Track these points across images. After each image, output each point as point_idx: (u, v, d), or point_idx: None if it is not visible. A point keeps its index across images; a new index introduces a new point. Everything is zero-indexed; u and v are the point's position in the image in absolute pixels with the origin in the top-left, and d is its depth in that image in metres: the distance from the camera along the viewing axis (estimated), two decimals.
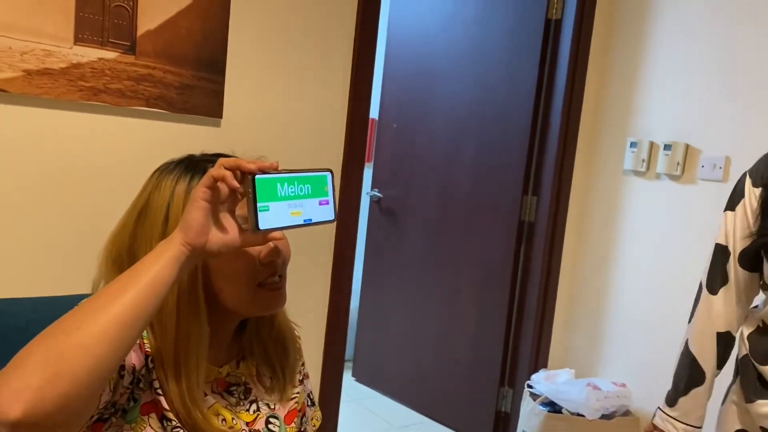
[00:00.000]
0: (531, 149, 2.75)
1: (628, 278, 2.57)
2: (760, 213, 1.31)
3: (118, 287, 0.74)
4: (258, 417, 0.99)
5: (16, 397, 0.65)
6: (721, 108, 2.29)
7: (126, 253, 0.92)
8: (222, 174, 0.76)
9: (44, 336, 0.70)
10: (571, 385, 2.51)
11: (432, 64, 3.07)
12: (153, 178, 0.93)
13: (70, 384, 0.67)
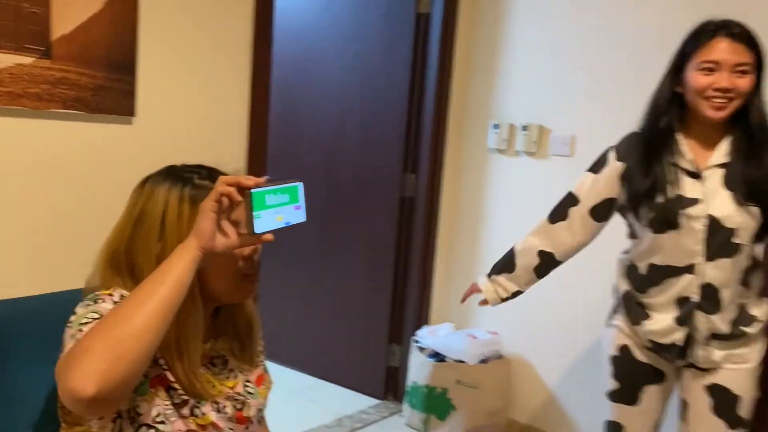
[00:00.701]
0: (408, 131, 3.05)
1: (497, 242, 2.97)
2: (620, 182, 1.73)
3: (151, 287, 0.92)
4: (237, 382, 1.20)
5: (89, 379, 0.83)
6: (568, 93, 2.71)
7: (123, 254, 1.09)
8: (228, 190, 0.97)
9: (99, 330, 0.88)
10: (453, 337, 2.89)
11: (311, 52, 3.26)
12: (144, 188, 1.10)
13: (127, 366, 0.87)
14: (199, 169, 1.13)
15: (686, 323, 1.68)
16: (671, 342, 1.71)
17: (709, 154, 1.67)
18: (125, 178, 1.93)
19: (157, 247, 1.07)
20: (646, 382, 1.80)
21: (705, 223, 1.63)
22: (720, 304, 1.66)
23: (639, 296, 1.77)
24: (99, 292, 1.07)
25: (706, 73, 1.60)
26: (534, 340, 2.87)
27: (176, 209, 1.07)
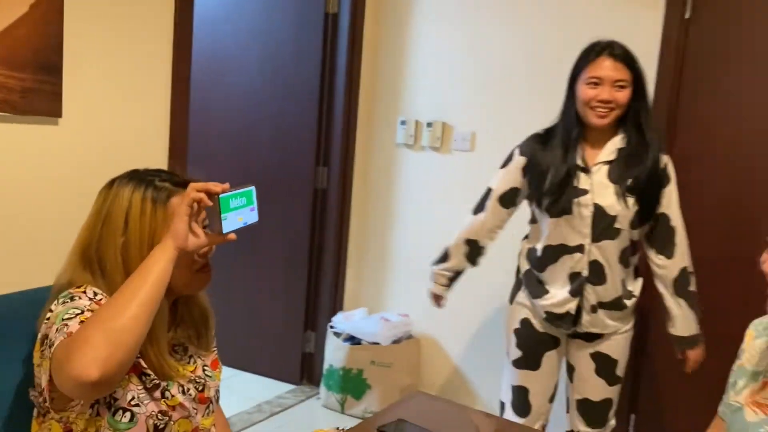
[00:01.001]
0: (320, 127, 3.20)
1: (405, 230, 3.19)
2: (522, 174, 2.03)
3: (137, 283, 1.05)
4: (196, 367, 1.32)
5: (93, 365, 0.95)
6: (468, 93, 2.96)
7: (94, 252, 1.19)
8: (199, 196, 1.10)
9: (96, 322, 1.00)
10: (367, 321, 3.08)
11: (221, 45, 3.30)
12: (111, 189, 1.21)
13: (125, 352, 0.99)
14: (159, 172, 1.25)
15: (578, 294, 1.97)
16: (566, 311, 1.99)
17: (597, 153, 1.96)
18: (52, 176, 1.98)
19: (120, 242, 1.18)
20: (546, 349, 2.08)
21: (592, 210, 1.92)
22: (605, 278, 1.96)
23: (538, 274, 2.05)
24: (72, 290, 1.16)
25: (592, 86, 1.89)
26: (440, 321, 3.12)
27: (139, 207, 1.18)
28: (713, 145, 2.47)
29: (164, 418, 1.20)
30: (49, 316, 1.13)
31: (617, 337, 2.04)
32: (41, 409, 1.18)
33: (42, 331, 1.13)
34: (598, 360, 2.04)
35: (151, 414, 1.18)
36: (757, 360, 1.32)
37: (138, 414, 1.17)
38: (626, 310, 2.02)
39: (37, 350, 1.14)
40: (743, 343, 1.38)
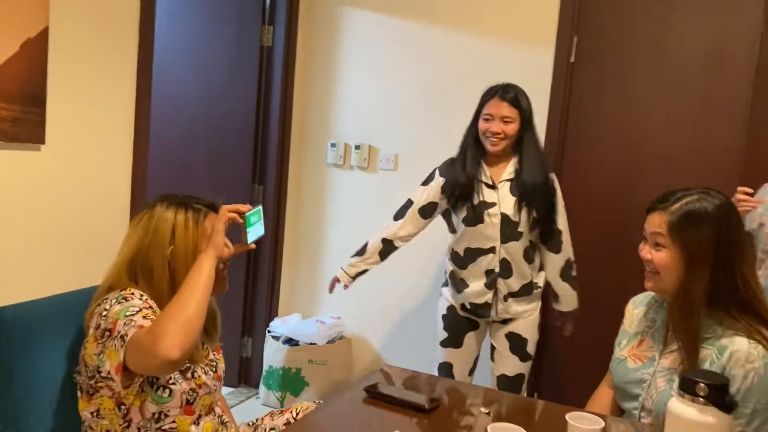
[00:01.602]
0: (256, 148, 3.50)
1: (336, 243, 3.55)
2: (440, 192, 2.47)
3: (194, 285, 1.36)
4: (209, 352, 1.62)
5: (175, 347, 1.26)
6: (392, 118, 3.37)
7: (141, 261, 1.48)
8: (233, 216, 1.43)
9: (168, 316, 1.31)
10: (303, 324, 3.40)
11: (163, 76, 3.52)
12: (154, 211, 1.50)
13: (194, 337, 1.30)
14: (191, 197, 1.55)
15: (492, 287, 2.42)
16: (483, 301, 2.44)
17: (501, 172, 2.43)
18: (36, 197, 2.19)
19: (168, 252, 1.47)
20: (467, 330, 2.54)
21: (499, 218, 2.38)
22: (512, 272, 2.42)
23: (460, 272, 2.49)
24: (122, 292, 1.44)
25: (486, 120, 2.38)
26: (368, 322, 3.49)
27: (183, 224, 1.49)
28: (596, 156, 3.02)
29: (194, 394, 1.50)
30: (106, 313, 1.40)
31: (526, 319, 2.50)
32: (90, 389, 1.44)
33: (101, 326, 1.39)
34: (511, 339, 2.50)
35: (184, 390, 1.48)
36: (636, 324, 1.79)
37: (174, 390, 1.46)
38: (531, 297, 2.49)
39: (93, 341, 1.40)
40: (625, 314, 1.85)
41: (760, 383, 1.48)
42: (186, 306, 1.33)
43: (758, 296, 1.59)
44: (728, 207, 1.60)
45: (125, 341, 1.34)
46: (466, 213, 2.41)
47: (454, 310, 2.55)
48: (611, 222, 3.01)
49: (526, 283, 2.46)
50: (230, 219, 1.46)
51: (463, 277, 2.48)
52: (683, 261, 1.57)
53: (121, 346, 1.34)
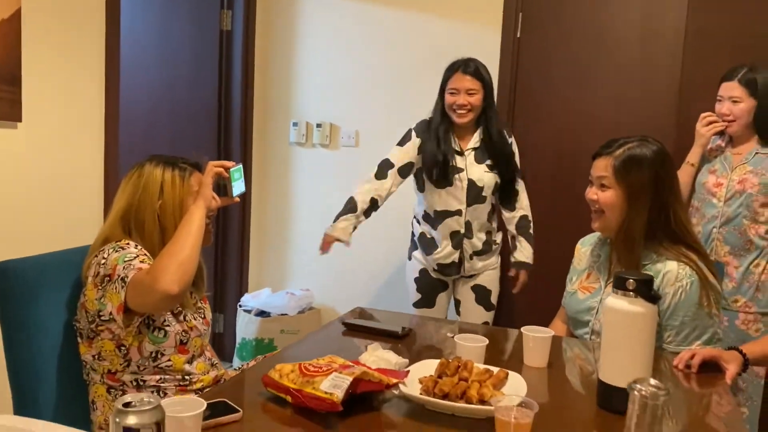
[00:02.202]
0: (219, 129, 3.62)
1: (302, 219, 3.69)
2: (417, 152, 2.62)
3: (187, 230, 1.51)
4: (196, 301, 1.76)
5: (174, 283, 1.41)
6: (353, 97, 3.52)
7: (133, 215, 1.60)
8: (219, 171, 1.57)
9: (166, 257, 1.45)
10: (274, 297, 3.54)
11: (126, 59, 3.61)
12: (143, 169, 1.63)
13: (189, 276, 1.45)
14: (177, 157, 1.69)
15: (458, 247, 2.61)
16: (451, 261, 2.62)
17: (468, 141, 2.61)
18: (13, 173, 2.28)
19: (157, 206, 1.61)
20: (439, 291, 2.71)
21: (466, 183, 2.56)
22: (474, 233, 2.61)
23: (429, 233, 2.65)
24: (117, 243, 1.57)
25: (452, 94, 2.55)
26: (335, 292, 3.65)
27: (170, 181, 1.62)
28: (544, 124, 3.24)
29: (186, 335, 1.64)
30: (104, 261, 1.52)
31: (488, 272, 2.70)
32: (90, 333, 1.56)
33: (100, 273, 1.52)
34: (476, 291, 2.69)
35: (177, 332, 1.62)
36: (583, 261, 2.00)
37: (169, 331, 1.60)
38: (491, 252, 2.68)
39: (93, 288, 1.53)
40: (575, 253, 2.05)
41: (687, 298, 1.70)
42: (181, 249, 1.47)
43: (688, 229, 1.81)
44: (664, 153, 1.81)
45: (126, 282, 1.47)
46: (438, 175, 2.58)
47: (426, 272, 2.71)
48: (560, 181, 3.24)
49: (486, 241, 2.65)
50: (217, 173, 1.61)
51: (434, 237, 2.66)
52: (625, 199, 1.78)
53: (122, 287, 1.47)
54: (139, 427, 0.88)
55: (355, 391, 1.21)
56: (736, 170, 2.41)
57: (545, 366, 1.56)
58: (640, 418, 0.59)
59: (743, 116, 2.39)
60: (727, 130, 2.45)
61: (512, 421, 1.11)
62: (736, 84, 2.40)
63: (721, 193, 2.42)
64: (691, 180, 2.52)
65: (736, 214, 2.38)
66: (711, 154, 2.52)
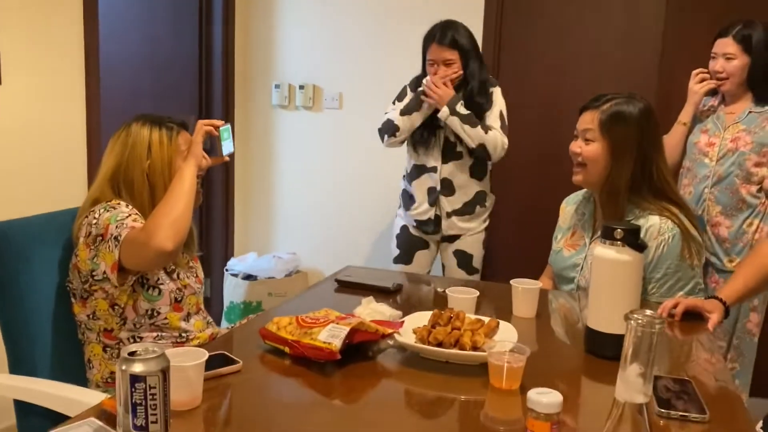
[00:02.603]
0: (200, 94, 3.58)
1: (287, 182, 3.69)
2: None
3: (179, 188, 1.51)
4: (188, 260, 1.77)
5: (169, 240, 1.42)
6: (335, 58, 3.50)
7: (122, 175, 1.60)
8: (210, 129, 1.57)
9: (161, 214, 1.45)
10: (261, 261, 3.55)
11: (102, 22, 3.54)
12: (130, 128, 1.62)
13: (184, 232, 1.47)
14: (163, 117, 1.68)
15: (434, 204, 2.64)
16: (427, 218, 2.66)
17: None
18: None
19: (146, 165, 1.60)
20: (418, 248, 2.75)
21: (442, 140, 2.59)
22: (455, 191, 2.63)
23: (409, 189, 2.70)
24: (107, 203, 1.56)
25: (431, 64, 2.56)
26: (321, 255, 3.67)
27: (158, 139, 1.62)
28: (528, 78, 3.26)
29: (180, 293, 1.65)
30: (96, 221, 1.52)
31: (471, 236, 2.72)
32: (84, 293, 1.57)
33: (92, 233, 1.52)
34: (458, 255, 2.72)
35: (172, 290, 1.63)
36: (568, 220, 2.04)
37: (163, 290, 1.61)
38: (475, 215, 2.70)
39: (85, 248, 1.53)
40: (560, 213, 2.09)
41: (669, 251, 1.74)
42: (174, 207, 1.48)
43: (670, 184, 1.85)
44: (649, 110, 1.84)
45: (119, 241, 1.47)
46: (416, 134, 2.62)
47: (407, 229, 2.75)
48: (544, 139, 3.28)
49: (469, 201, 2.67)
50: (207, 132, 1.60)
51: (411, 193, 2.69)
52: (610, 153, 1.81)
53: (116, 246, 1.48)
54: (145, 374, 0.90)
55: (352, 341, 1.24)
56: (729, 129, 2.35)
57: (533, 316, 1.60)
58: (637, 346, 0.61)
59: (737, 73, 2.33)
60: (720, 89, 2.39)
61: (505, 365, 1.15)
62: (730, 40, 2.33)
63: (713, 153, 2.36)
64: (683, 140, 2.47)
65: (728, 173, 2.33)
66: (703, 114, 2.47)
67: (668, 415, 1.07)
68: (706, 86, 2.40)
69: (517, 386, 1.16)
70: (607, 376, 1.27)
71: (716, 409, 1.11)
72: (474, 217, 2.71)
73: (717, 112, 2.43)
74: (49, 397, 1.44)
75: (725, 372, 1.37)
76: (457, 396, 1.17)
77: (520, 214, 3.33)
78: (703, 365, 1.39)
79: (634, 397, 0.63)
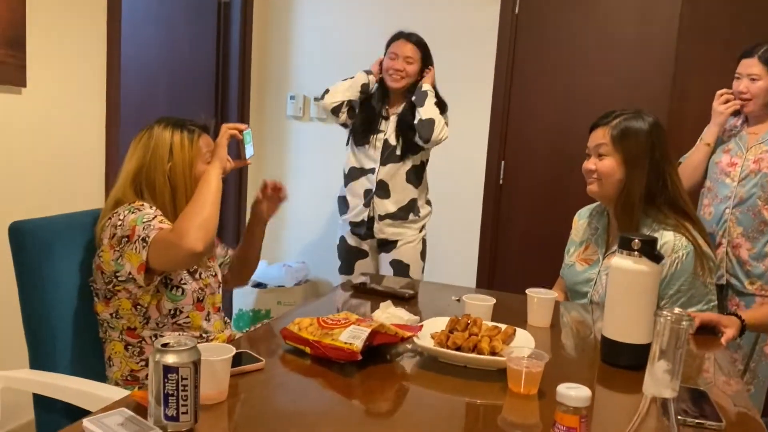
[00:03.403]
0: (216, 104, 3.62)
1: (297, 192, 3.72)
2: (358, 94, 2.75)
3: (206, 190, 1.54)
4: (206, 261, 1.80)
5: (199, 240, 1.45)
6: (349, 70, 3.52)
7: (144, 177, 1.63)
8: (234, 133, 1.61)
9: (189, 215, 1.48)
10: (270, 269, 3.58)
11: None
12: (152, 131, 1.65)
13: (212, 235, 1.50)
14: (185, 120, 1.71)
15: (369, 205, 2.71)
16: (360, 219, 2.73)
17: (396, 107, 2.73)
18: (19, 138, 2.29)
19: (167, 167, 1.63)
20: (357, 258, 2.83)
21: (382, 143, 2.69)
22: (390, 194, 2.70)
23: (344, 192, 2.78)
24: (131, 204, 1.59)
25: (391, 58, 2.67)
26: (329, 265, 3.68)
27: (179, 142, 1.65)
28: (541, 97, 3.29)
29: (202, 293, 1.68)
30: (120, 223, 1.54)
31: (406, 246, 2.77)
32: (107, 293, 1.59)
33: (116, 234, 1.53)
34: (394, 265, 2.77)
35: (195, 289, 1.65)
36: (581, 233, 2.06)
37: (186, 289, 1.63)
38: (407, 223, 2.74)
39: (109, 249, 1.55)
40: (572, 226, 2.11)
41: (683, 268, 1.76)
42: (203, 209, 1.51)
43: (683, 195, 1.87)
44: (658, 124, 1.87)
45: (147, 242, 1.50)
46: (358, 134, 2.73)
47: (344, 240, 2.84)
48: (557, 155, 3.31)
49: (404, 207, 2.72)
50: (231, 135, 1.64)
51: (346, 197, 2.77)
52: (623, 166, 1.83)
53: (143, 247, 1.50)
54: (178, 365, 0.93)
55: (372, 343, 1.26)
56: (752, 150, 2.32)
57: (548, 326, 1.62)
58: (665, 342, 0.64)
59: (761, 95, 2.30)
60: (744, 110, 2.36)
61: (524, 370, 1.17)
62: (755, 61, 2.30)
63: (735, 173, 2.33)
64: (706, 160, 2.44)
65: (750, 195, 2.29)
66: (726, 134, 2.44)
67: (684, 422, 1.09)
68: (732, 107, 2.37)
69: (536, 391, 1.18)
70: (623, 384, 1.30)
71: (731, 419, 1.12)
72: (407, 224, 2.74)
73: (740, 132, 2.40)
74: (70, 392, 1.46)
75: (740, 385, 1.38)
76: (474, 400, 1.19)
77: (531, 225, 3.36)
78: (718, 378, 1.41)
79: (662, 392, 0.65)
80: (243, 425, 1.03)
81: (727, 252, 2.35)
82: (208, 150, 1.69)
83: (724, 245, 2.34)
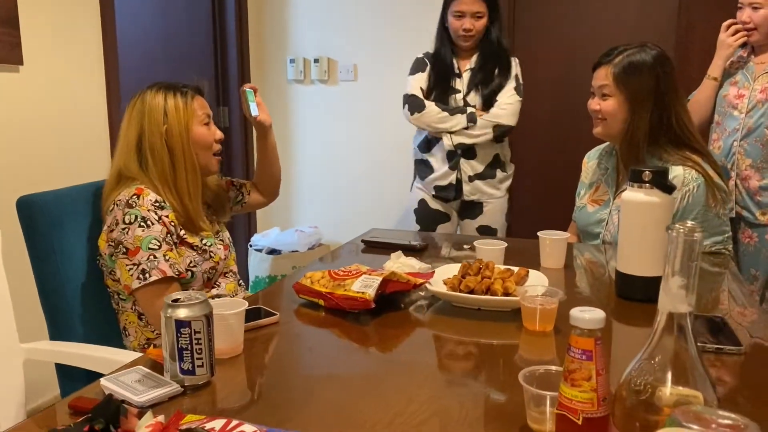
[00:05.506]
0: (216, 71, 3.59)
1: (304, 157, 3.70)
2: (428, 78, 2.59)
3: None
4: (214, 224, 1.79)
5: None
6: (350, 30, 3.49)
7: (145, 143, 1.61)
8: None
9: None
10: (284, 235, 3.58)
11: None
12: (145, 96, 1.63)
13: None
14: (177, 83, 1.68)
15: (455, 168, 2.62)
16: (448, 183, 2.63)
17: (467, 62, 2.59)
18: (15, 116, 2.28)
19: (163, 129, 1.61)
20: (438, 222, 2.72)
21: (461, 104, 2.56)
22: (477, 154, 2.61)
23: (425, 156, 2.67)
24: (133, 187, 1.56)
25: (457, 18, 2.50)
26: (342, 228, 3.69)
27: (173, 106, 1.62)
28: (544, 35, 3.23)
29: (212, 272, 1.67)
30: (125, 228, 1.50)
31: (493, 206, 2.69)
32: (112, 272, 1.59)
33: (117, 237, 1.51)
34: (481, 232, 2.70)
35: (205, 270, 1.64)
36: (590, 175, 2.03)
37: (196, 272, 1.62)
38: (495, 181, 2.67)
39: (106, 241, 1.54)
40: (582, 168, 2.08)
41: (695, 200, 1.73)
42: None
43: (690, 130, 1.83)
44: (664, 56, 1.82)
45: (145, 280, 1.47)
46: (435, 99, 2.57)
47: (426, 203, 2.71)
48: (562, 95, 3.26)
49: (491, 164, 2.65)
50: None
51: (428, 160, 2.66)
52: (627, 105, 1.80)
53: (138, 280, 1.48)
54: (190, 319, 0.93)
55: (385, 291, 1.26)
56: (759, 80, 2.28)
57: (562, 267, 1.61)
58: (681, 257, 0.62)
59: (764, 23, 2.24)
60: (749, 39, 2.31)
61: (538, 307, 1.16)
62: None
63: (742, 105, 2.29)
64: (714, 95, 2.40)
65: (758, 125, 2.25)
66: (732, 66, 2.38)
67: (703, 348, 1.08)
68: (740, 38, 2.30)
69: (551, 328, 1.18)
70: (639, 318, 1.29)
71: (750, 343, 1.11)
72: (496, 183, 2.68)
73: (747, 63, 2.35)
74: (91, 359, 1.47)
75: (756, 315, 1.37)
76: (490, 341, 1.19)
77: (540, 171, 3.33)
78: (734, 306, 1.40)
79: (678, 307, 0.64)
80: (261, 376, 1.04)
81: (736, 184, 2.32)
82: (203, 112, 1.67)
83: (734, 178, 2.31)
